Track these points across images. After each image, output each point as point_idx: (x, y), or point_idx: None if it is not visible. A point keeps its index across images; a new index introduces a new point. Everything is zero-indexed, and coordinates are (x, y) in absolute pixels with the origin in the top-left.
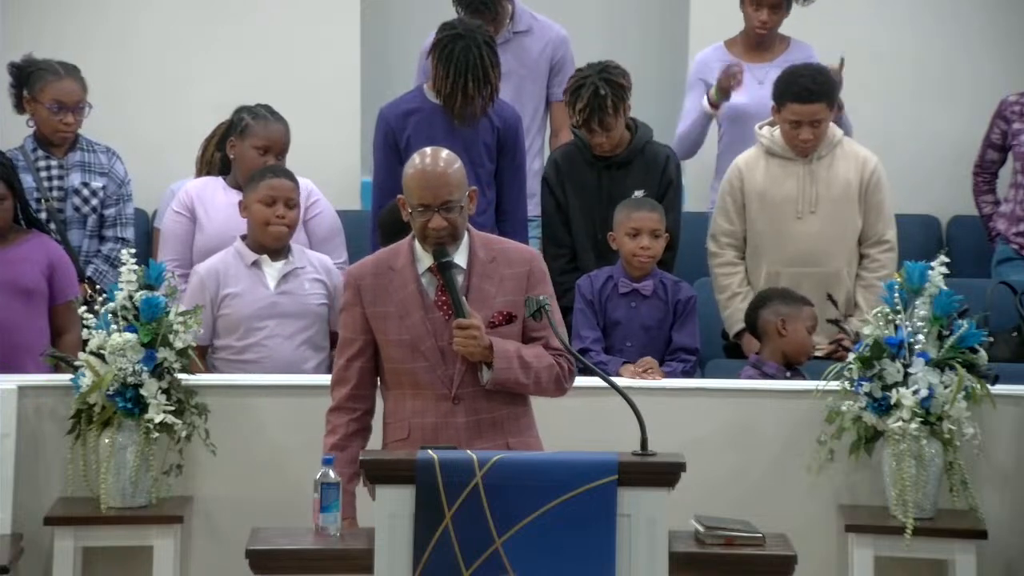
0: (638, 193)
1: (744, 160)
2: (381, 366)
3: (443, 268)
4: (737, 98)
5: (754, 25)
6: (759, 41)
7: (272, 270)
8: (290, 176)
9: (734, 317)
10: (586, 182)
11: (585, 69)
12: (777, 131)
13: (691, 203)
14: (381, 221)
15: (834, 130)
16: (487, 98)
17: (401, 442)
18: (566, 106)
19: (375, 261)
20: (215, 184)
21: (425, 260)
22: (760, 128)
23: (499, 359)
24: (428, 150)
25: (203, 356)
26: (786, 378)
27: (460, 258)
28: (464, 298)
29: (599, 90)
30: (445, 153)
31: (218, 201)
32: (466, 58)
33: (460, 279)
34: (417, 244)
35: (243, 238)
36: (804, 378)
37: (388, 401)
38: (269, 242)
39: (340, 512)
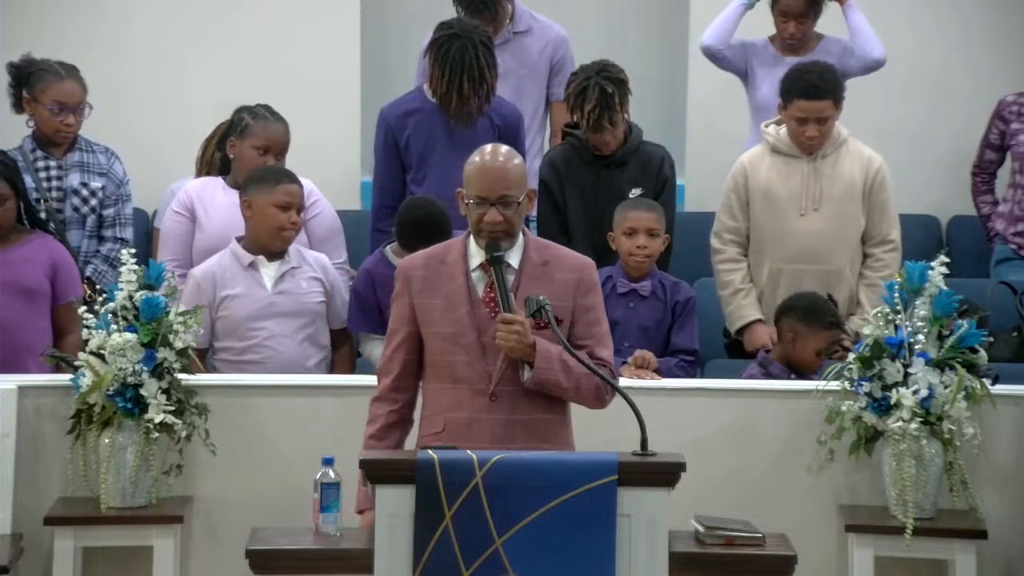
0: (635, 191)
1: (749, 157)
2: (425, 359)
3: (494, 263)
4: (766, 92)
5: (784, 36)
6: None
7: (269, 271)
8: (299, 181)
9: (736, 314)
10: (584, 182)
11: (584, 71)
12: (783, 129)
13: (692, 203)
14: (399, 220)
15: (839, 129)
16: (483, 98)
17: (436, 435)
18: (570, 111)
19: (427, 254)
20: (215, 184)
21: (477, 256)
22: (766, 126)
23: (541, 359)
24: (490, 146)
25: (201, 358)
26: (790, 379)
27: (513, 258)
28: (512, 295)
29: (606, 88)
30: (506, 149)
31: (218, 201)
32: (462, 58)
33: (510, 279)
34: (471, 241)
35: (238, 240)
36: (807, 378)
37: (427, 395)
38: (279, 245)
39: (339, 511)
